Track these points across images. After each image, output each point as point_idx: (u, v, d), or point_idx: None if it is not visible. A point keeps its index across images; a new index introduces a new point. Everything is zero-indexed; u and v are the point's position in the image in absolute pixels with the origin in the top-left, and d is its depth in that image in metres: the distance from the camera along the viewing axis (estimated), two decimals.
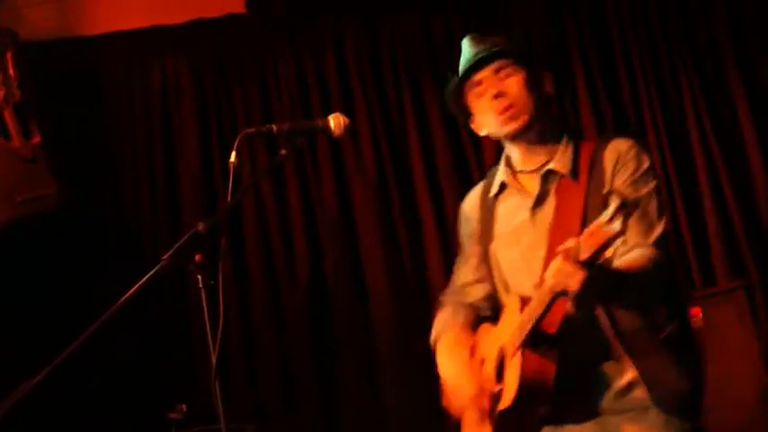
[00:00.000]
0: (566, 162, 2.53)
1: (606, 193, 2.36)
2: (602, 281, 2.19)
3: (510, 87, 2.55)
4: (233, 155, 2.30)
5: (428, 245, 4.95)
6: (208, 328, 2.10)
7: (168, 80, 5.22)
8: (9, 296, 4.63)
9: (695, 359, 2.49)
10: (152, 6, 5.25)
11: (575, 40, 5.09)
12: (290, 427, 4.80)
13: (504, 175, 2.64)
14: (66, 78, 5.10)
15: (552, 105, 2.62)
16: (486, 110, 2.58)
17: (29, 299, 4.66)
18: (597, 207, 2.35)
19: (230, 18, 5.26)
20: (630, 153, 2.49)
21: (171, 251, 2.13)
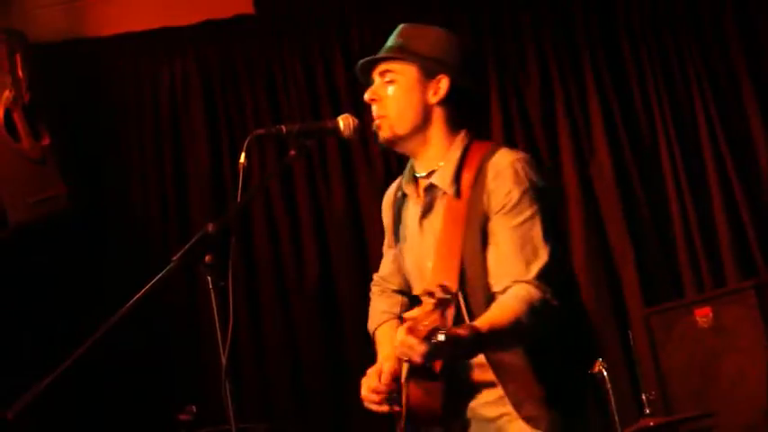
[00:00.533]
0: (446, 176, 2.41)
1: (483, 214, 2.31)
2: (456, 348, 2.09)
3: (388, 96, 2.46)
4: (242, 156, 2.29)
5: None
6: (218, 328, 2.10)
7: (177, 81, 5.22)
8: (23, 297, 4.65)
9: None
10: (161, 8, 5.26)
11: (585, 49, 5.12)
12: (300, 428, 4.81)
13: (405, 178, 2.56)
14: (76, 80, 5.12)
15: (449, 111, 2.45)
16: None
17: (42, 299, 4.68)
18: (477, 224, 2.31)
19: (239, 19, 5.27)
20: (507, 172, 2.33)
21: (181, 252, 2.13)
